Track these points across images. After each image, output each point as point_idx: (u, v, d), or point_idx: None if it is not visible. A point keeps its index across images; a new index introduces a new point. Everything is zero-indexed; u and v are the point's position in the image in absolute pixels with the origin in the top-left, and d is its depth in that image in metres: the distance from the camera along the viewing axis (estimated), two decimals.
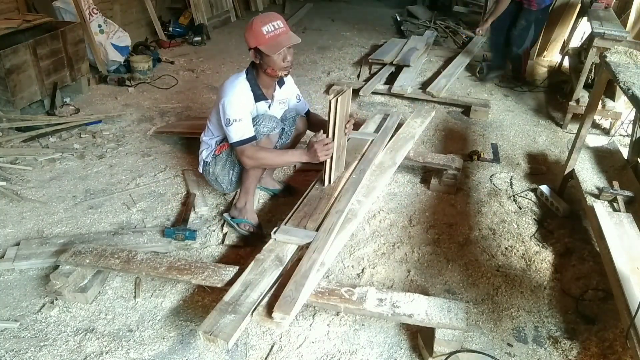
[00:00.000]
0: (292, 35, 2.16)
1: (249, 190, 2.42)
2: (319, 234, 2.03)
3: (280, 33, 2.12)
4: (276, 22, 2.12)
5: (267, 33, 2.10)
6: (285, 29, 2.14)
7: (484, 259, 2.36)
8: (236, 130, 2.18)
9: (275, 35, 2.11)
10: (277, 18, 2.15)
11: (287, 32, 2.14)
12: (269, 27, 2.10)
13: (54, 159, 3.10)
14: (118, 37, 4.61)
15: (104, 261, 1.98)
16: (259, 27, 2.09)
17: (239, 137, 2.18)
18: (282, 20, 2.15)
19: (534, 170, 3.14)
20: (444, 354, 1.74)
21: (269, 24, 2.10)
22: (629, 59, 2.35)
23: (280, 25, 2.12)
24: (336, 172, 2.38)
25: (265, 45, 2.11)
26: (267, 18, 2.12)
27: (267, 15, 2.15)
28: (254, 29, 2.10)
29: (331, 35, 6.36)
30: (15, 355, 1.79)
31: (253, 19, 2.14)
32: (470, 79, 4.76)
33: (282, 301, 1.67)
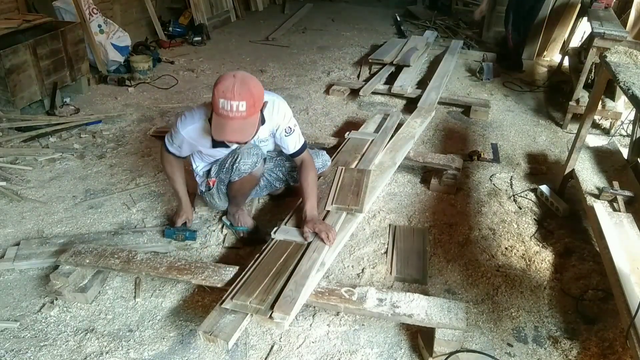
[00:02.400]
0: (244, 128, 1.82)
1: (239, 203, 2.37)
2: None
3: (234, 117, 1.76)
4: (237, 103, 1.74)
5: (221, 108, 1.76)
6: (243, 115, 1.77)
7: (484, 259, 2.36)
8: (172, 146, 2.14)
9: (227, 116, 1.76)
10: (243, 97, 1.74)
11: (245, 119, 1.79)
12: (225, 104, 1.75)
13: (54, 159, 3.10)
14: (118, 37, 4.61)
15: (104, 261, 1.98)
16: (217, 94, 1.76)
17: (170, 149, 2.16)
18: (248, 102, 1.76)
19: (534, 170, 3.14)
20: (444, 354, 1.74)
21: (228, 101, 1.74)
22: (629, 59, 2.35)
23: (239, 108, 1.75)
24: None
25: (214, 116, 1.82)
26: (230, 91, 1.73)
27: (235, 85, 1.74)
28: (214, 90, 1.78)
29: (331, 35, 6.36)
30: (15, 355, 1.79)
31: (224, 76, 1.79)
32: (470, 79, 4.76)
33: (282, 301, 1.67)
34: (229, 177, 2.20)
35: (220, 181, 2.24)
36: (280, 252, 1.93)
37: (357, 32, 6.49)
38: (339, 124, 3.76)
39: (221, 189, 2.29)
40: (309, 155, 2.26)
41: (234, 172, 2.15)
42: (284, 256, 1.91)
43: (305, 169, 2.19)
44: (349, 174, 2.49)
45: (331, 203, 2.24)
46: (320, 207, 2.20)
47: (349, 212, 2.21)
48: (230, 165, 2.15)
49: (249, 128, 1.85)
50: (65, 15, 4.27)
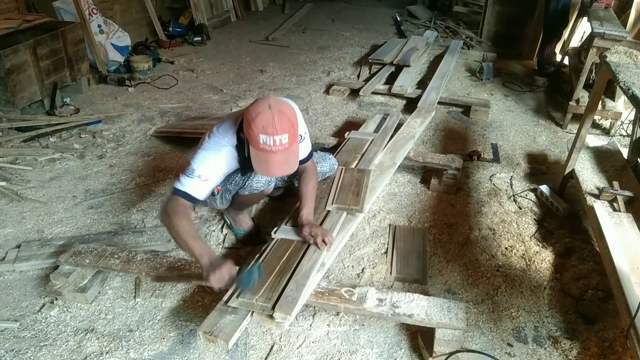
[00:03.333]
0: (289, 158, 1.76)
1: (241, 208, 2.35)
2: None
3: (277, 151, 1.70)
4: (280, 137, 1.67)
5: (262, 143, 1.69)
6: (286, 146, 1.70)
7: (484, 259, 2.36)
8: (192, 185, 1.81)
9: (270, 150, 1.69)
10: (284, 130, 1.67)
11: (288, 149, 1.72)
12: (267, 139, 1.68)
13: (54, 159, 3.10)
14: (118, 37, 4.61)
15: (104, 261, 1.98)
16: (257, 131, 1.68)
17: (185, 189, 1.81)
18: (289, 132, 1.69)
19: (534, 170, 3.14)
20: (444, 354, 1.74)
21: (270, 136, 1.67)
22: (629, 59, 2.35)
23: (282, 142, 1.69)
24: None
25: (255, 151, 1.73)
26: (271, 127, 1.66)
27: (275, 120, 1.66)
28: (251, 127, 1.69)
29: (331, 35, 6.36)
30: (15, 355, 1.79)
31: (258, 110, 1.68)
32: (470, 79, 4.76)
33: (283, 301, 1.67)
34: (237, 189, 2.14)
35: (226, 190, 2.18)
36: (283, 250, 1.93)
37: (357, 32, 6.49)
38: (339, 124, 3.76)
39: (225, 197, 2.22)
40: (313, 163, 2.20)
41: (245, 188, 2.11)
42: (286, 255, 1.91)
43: (307, 175, 2.13)
44: (349, 173, 2.49)
45: (331, 203, 2.24)
46: (320, 207, 2.20)
47: (349, 212, 2.21)
48: (241, 181, 2.09)
49: (293, 158, 1.80)
50: (65, 15, 4.28)
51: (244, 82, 4.62)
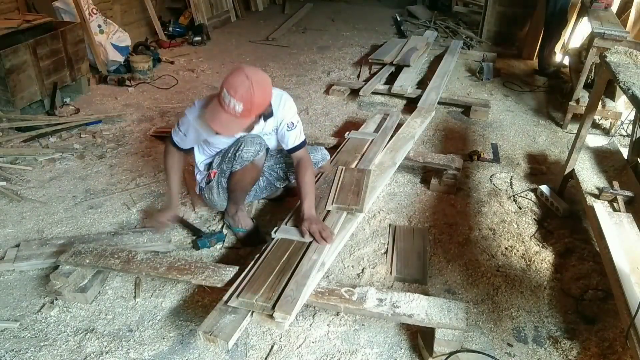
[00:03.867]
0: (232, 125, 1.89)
1: (237, 201, 2.37)
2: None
3: (228, 112, 1.85)
4: (236, 103, 1.82)
5: (222, 96, 1.85)
6: (234, 114, 1.84)
7: (484, 259, 2.36)
8: (177, 136, 2.16)
9: (223, 105, 1.85)
10: (243, 99, 1.81)
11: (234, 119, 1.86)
12: (225, 96, 1.82)
13: (54, 159, 3.10)
14: (118, 37, 4.61)
15: (104, 261, 1.98)
16: (225, 83, 1.84)
17: (175, 139, 2.18)
18: (245, 106, 1.83)
19: (534, 170, 3.14)
20: (444, 354, 1.74)
21: (230, 96, 1.81)
22: (629, 59, 2.35)
23: (235, 108, 1.83)
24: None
25: (213, 101, 1.91)
26: (233, 90, 1.81)
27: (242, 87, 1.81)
28: (225, 78, 1.86)
29: (331, 35, 6.36)
30: (15, 355, 1.79)
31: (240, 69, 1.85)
32: (470, 79, 4.76)
33: (283, 301, 1.67)
34: (230, 167, 2.20)
35: (221, 172, 2.25)
36: (283, 250, 1.93)
37: (357, 32, 6.49)
38: (339, 124, 3.76)
39: (221, 183, 2.29)
40: (306, 154, 2.26)
41: (237, 160, 2.16)
42: (286, 254, 1.91)
43: (302, 167, 2.18)
44: (349, 173, 2.49)
45: (332, 203, 2.24)
46: (320, 206, 2.20)
47: (349, 211, 2.21)
48: (233, 154, 2.17)
49: (235, 127, 1.93)
50: (65, 15, 4.28)
51: None
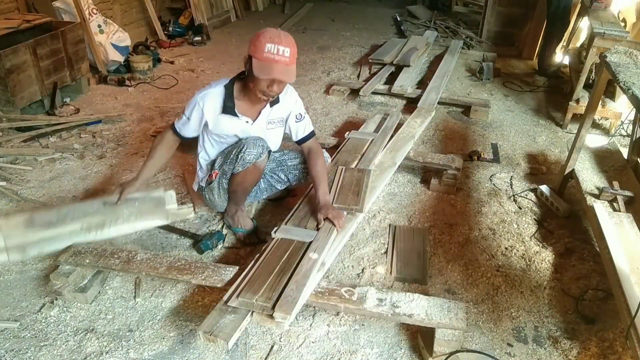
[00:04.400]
0: (290, 71, 1.95)
1: (238, 201, 2.36)
2: (319, 233, 2.03)
3: (280, 61, 1.91)
4: (284, 48, 1.90)
5: (267, 51, 1.90)
6: (287, 60, 1.92)
7: (484, 259, 2.36)
8: (180, 122, 2.18)
9: (272, 59, 1.90)
10: (288, 45, 1.92)
11: (288, 65, 1.94)
12: (272, 47, 1.89)
13: (54, 159, 3.10)
14: (118, 37, 4.61)
15: (104, 261, 1.98)
16: (264, 40, 1.90)
17: (176, 125, 2.20)
18: (291, 50, 1.93)
19: (534, 170, 3.14)
20: (444, 354, 1.74)
21: (275, 45, 1.89)
22: (629, 59, 2.35)
23: (284, 54, 1.91)
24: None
25: (258, 62, 1.92)
26: (277, 38, 1.90)
27: (280, 35, 1.92)
28: (259, 39, 1.91)
29: (331, 35, 6.36)
30: (15, 355, 1.79)
31: (266, 29, 1.95)
32: (470, 79, 4.76)
33: (283, 301, 1.67)
34: (232, 168, 2.18)
35: (223, 174, 2.23)
36: (283, 250, 1.93)
37: (357, 32, 6.49)
38: (339, 124, 3.76)
39: (222, 184, 2.26)
40: (316, 143, 2.35)
41: (239, 162, 2.14)
42: (286, 254, 1.91)
43: (314, 156, 2.27)
44: (349, 173, 2.49)
45: (332, 203, 2.24)
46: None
47: (349, 211, 2.21)
48: (235, 156, 2.15)
49: (292, 73, 1.96)
50: (65, 15, 4.27)
51: None
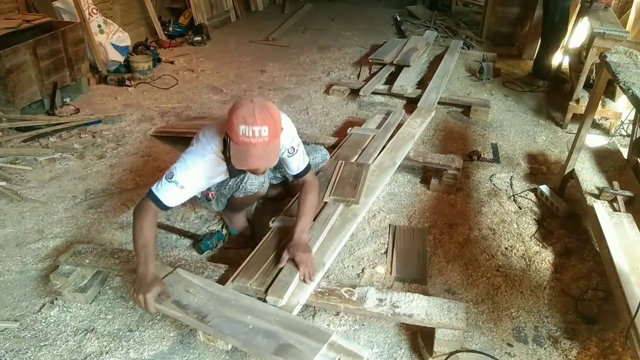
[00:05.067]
0: (269, 151, 1.71)
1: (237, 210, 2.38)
2: (315, 224, 2.08)
3: (257, 143, 1.65)
4: (259, 128, 1.64)
5: (241, 134, 1.65)
6: (265, 140, 1.66)
7: (484, 259, 2.36)
8: (167, 190, 1.81)
9: (249, 142, 1.65)
10: (265, 122, 1.64)
11: (268, 144, 1.68)
12: (246, 130, 1.64)
13: (54, 159, 3.10)
14: (118, 37, 4.61)
15: (104, 261, 1.98)
16: (236, 122, 1.64)
17: (158, 194, 1.81)
18: (270, 127, 1.66)
19: (534, 170, 3.14)
20: (444, 354, 1.74)
21: (249, 126, 1.63)
22: (629, 59, 2.35)
23: (262, 134, 1.65)
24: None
25: (234, 145, 1.69)
26: (250, 117, 1.63)
27: (255, 112, 1.64)
28: (231, 119, 1.66)
29: (331, 35, 6.35)
30: (15, 355, 1.79)
31: (239, 104, 1.68)
32: (470, 79, 4.76)
33: (276, 285, 1.73)
34: (232, 194, 2.15)
35: (221, 195, 2.20)
36: (280, 238, 1.99)
37: (357, 32, 6.48)
38: (339, 124, 3.76)
39: (221, 200, 2.24)
40: (313, 177, 2.15)
41: (240, 191, 2.12)
42: (282, 242, 1.96)
43: (307, 189, 2.06)
44: (348, 167, 2.54)
45: (329, 195, 2.28)
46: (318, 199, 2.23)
47: (345, 203, 2.24)
48: (235, 185, 2.09)
49: (273, 153, 1.75)
50: (65, 15, 4.27)
51: (244, 82, 4.62)
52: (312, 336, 1.52)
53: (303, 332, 1.54)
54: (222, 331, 1.56)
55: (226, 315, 1.61)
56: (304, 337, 1.52)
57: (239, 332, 1.55)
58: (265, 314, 1.61)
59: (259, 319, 1.59)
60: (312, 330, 1.55)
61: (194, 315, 1.62)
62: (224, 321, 1.59)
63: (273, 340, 1.51)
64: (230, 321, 1.59)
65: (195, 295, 1.70)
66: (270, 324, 1.57)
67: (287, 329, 1.55)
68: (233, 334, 1.54)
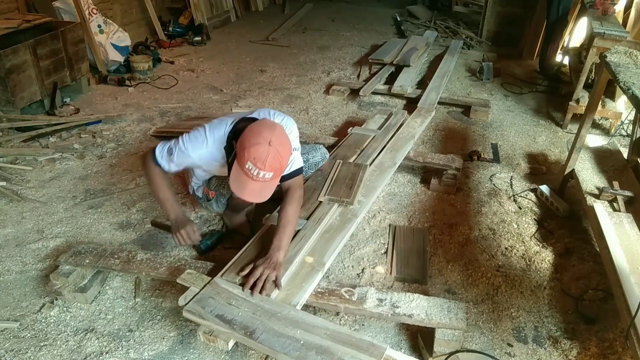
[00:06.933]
0: (265, 189, 1.77)
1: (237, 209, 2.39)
2: (308, 222, 2.08)
3: (257, 180, 1.72)
4: (264, 173, 1.70)
5: (247, 168, 1.71)
6: (264, 181, 1.73)
7: (484, 259, 2.36)
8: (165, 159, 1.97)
9: (250, 177, 1.71)
10: (272, 169, 1.71)
11: (265, 184, 1.75)
12: (252, 168, 1.70)
13: (54, 159, 3.10)
14: (118, 37, 4.61)
15: (104, 261, 1.98)
16: (247, 156, 1.69)
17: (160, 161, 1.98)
18: (275, 173, 1.74)
19: (534, 170, 3.14)
20: (444, 354, 1.74)
21: (257, 169, 1.69)
22: (629, 59, 2.35)
23: (264, 177, 1.71)
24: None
25: (235, 170, 1.76)
26: (260, 162, 1.68)
27: (267, 158, 1.69)
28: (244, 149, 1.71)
29: (331, 35, 6.36)
30: (15, 355, 1.79)
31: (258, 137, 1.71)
32: (470, 79, 4.76)
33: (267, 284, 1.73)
34: (231, 194, 2.15)
35: (220, 195, 2.22)
36: (271, 235, 1.96)
37: (357, 32, 6.49)
38: (339, 124, 3.76)
39: (220, 200, 2.27)
40: (299, 184, 2.06)
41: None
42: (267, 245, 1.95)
43: (289, 198, 1.98)
44: (345, 167, 2.53)
45: (324, 195, 2.28)
46: (313, 198, 2.25)
47: (340, 203, 2.24)
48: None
49: (268, 191, 1.80)
50: (65, 15, 4.27)
51: (244, 82, 4.62)
52: (366, 351, 1.47)
53: (356, 347, 1.48)
54: (274, 348, 1.50)
55: (274, 330, 1.55)
56: (358, 352, 1.47)
57: (291, 348, 1.49)
58: (314, 328, 1.56)
59: (308, 333, 1.54)
60: (365, 345, 1.50)
61: (241, 331, 1.55)
62: (273, 336, 1.53)
63: (327, 357, 1.46)
64: (279, 336, 1.53)
65: (239, 308, 1.64)
66: (321, 338, 1.52)
67: (339, 343, 1.50)
68: (285, 351, 1.48)
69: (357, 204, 2.29)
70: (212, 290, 1.72)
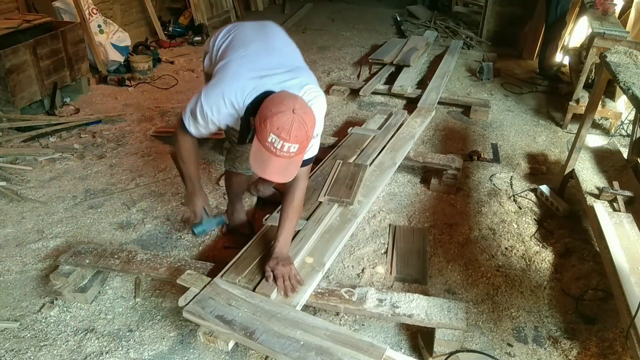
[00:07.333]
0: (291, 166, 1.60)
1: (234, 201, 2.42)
2: (308, 222, 2.08)
3: (280, 156, 1.54)
4: (289, 145, 1.52)
5: (269, 142, 1.52)
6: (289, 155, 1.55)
7: (484, 259, 2.36)
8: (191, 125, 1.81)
9: (273, 152, 1.53)
10: (298, 140, 1.52)
11: (290, 160, 1.57)
12: (275, 141, 1.52)
13: (54, 159, 3.10)
14: (118, 37, 4.60)
15: (104, 261, 1.98)
16: (270, 128, 1.51)
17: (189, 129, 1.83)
18: (300, 145, 1.55)
19: (534, 170, 3.14)
20: (444, 354, 1.74)
21: (281, 140, 1.51)
22: (629, 59, 2.35)
23: (289, 150, 1.53)
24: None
25: (256, 149, 1.58)
26: (285, 132, 1.50)
27: (292, 128, 1.50)
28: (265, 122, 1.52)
29: (331, 35, 6.35)
30: (15, 355, 1.79)
31: (281, 105, 1.53)
32: (470, 79, 4.76)
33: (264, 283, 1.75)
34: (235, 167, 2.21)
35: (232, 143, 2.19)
36: (271, 236, 1.98)
37: (357, 32, 6.48)
38: (339, 124, 3.76)
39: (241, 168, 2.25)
40: (306, 174, 1.93)
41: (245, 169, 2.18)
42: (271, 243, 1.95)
43: (292, 189, 1.88)
44: (345, 167, 2.53)
45: (324, 195, 2.29)
46: (313, 198, 2.25)
47: (340, 203, 2.24)
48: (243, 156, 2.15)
49: (293, 168, 1.62)
50: (65, 15, 4.27)
51: None
52: (366, 351, 1.48)
53: (356, 348, 1.49)
54: (273, 349, 1.50)
55: (274, 331, 1.55)
56: (358, 353, 1.47)
57: (291, 349, 1.49)
58: (314, 328, 1.56)
59: (308, 334, 1.54)
60: (365, 345, 1.50)
61: (241, 331, 1.55)
62: (273, 337, 1.53)
63: (327, 358, 1.46)
64: (279, 337, 1.53)
65: (239, 309, 1.63)
66: (321, 339, 1.52)
67: (339, 344, 1.51)
68: (285, 352, 1.48)
69: (357, 204, 2.29)
70: (212, 291, 1.72)
